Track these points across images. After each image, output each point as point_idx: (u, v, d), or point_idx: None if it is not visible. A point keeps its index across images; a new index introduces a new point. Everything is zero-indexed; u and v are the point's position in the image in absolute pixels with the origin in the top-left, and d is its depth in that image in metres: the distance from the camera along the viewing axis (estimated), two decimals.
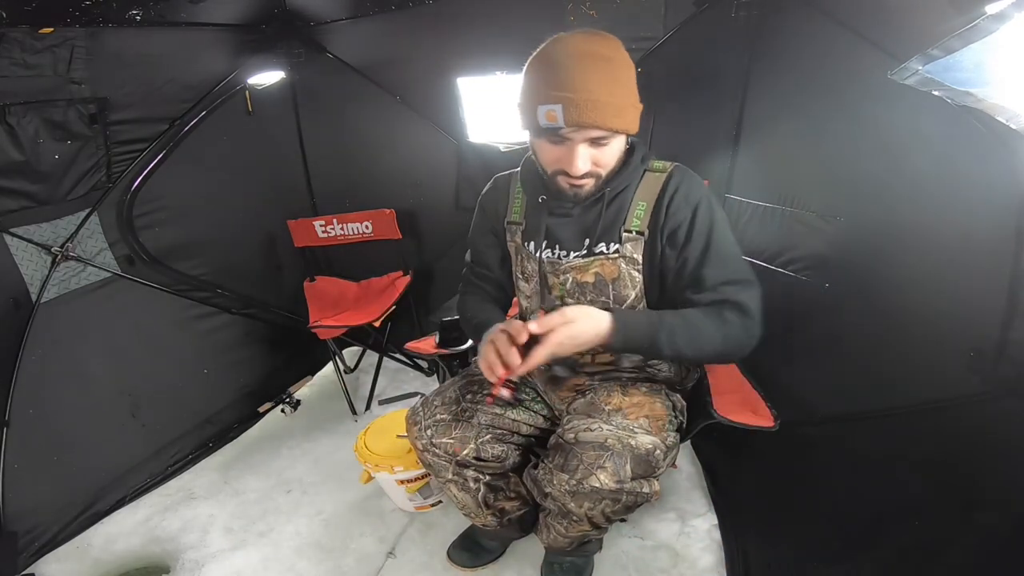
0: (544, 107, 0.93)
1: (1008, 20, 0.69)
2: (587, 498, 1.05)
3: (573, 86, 0.91)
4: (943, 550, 0.98)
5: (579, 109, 0.91)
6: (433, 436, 1.23)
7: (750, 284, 1.07)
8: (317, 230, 2.36)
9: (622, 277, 1.12)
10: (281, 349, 2.41)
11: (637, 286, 1.12)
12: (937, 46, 0.77)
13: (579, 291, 1.15)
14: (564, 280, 1.15)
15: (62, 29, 1.44)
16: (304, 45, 2.17)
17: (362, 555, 1.61)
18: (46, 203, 1.62)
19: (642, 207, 1.10)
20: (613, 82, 0.94)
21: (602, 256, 1.11)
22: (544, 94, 0.93)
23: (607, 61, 0.95)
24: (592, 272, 1.13)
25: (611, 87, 0.94)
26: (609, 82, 0.94)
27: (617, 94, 0.95)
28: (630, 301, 1.13)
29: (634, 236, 1.10)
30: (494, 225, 1.28)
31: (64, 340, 1.71)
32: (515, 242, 1.24)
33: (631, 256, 1.10)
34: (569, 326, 0.96)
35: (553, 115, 0.92)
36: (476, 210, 1.32)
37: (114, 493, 1.84)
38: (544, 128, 0.96)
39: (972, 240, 1.00)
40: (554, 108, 0.92)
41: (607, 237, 1.11)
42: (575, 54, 0.93)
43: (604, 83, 0.93)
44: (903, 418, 1.17)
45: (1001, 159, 0.91)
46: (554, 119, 0.93)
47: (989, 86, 0.81)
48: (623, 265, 1.11)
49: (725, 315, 1.04)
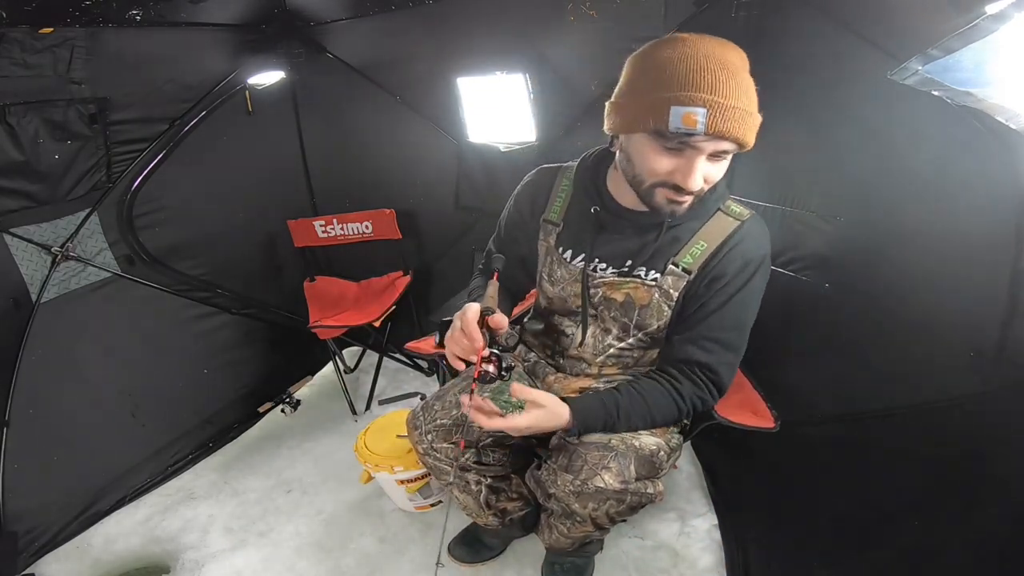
0: (682, 109, 0.82)
1: (1008, 20, 0.69)
2: (591, 499, 1.05)
3: (720, 91, 0.82)
4: (943, 550, 0.98)
5: (724, 117, 0.82)
6: (434, 441, 1.23)
7: (735, 354, 1.07)
8: (317, 230, 2.36)
9: (652, 306, 1.08)
10: (281, 349, 2.41)
11: (664, 318, 1.09)
12: (937, 46, 0.77)
13: (605, 306, 1.12)
14: (594, 293, 1.12)
15: (62, 29, 1.44)
16: (304, 45, 2.16)
17: (362, 555, 1.61)
18: (46, 203, 1.62)
19: (701, 247, 1.04)
20: (752, 94, 0.87)
21: (639, 280, 1.07)
22: (683, 95, 0.82)
23: (746, 71, 0.87)
24: (624, 292, 1.09)
25: (752, 99, 0.86)
26: (751, 94, 0.86)
27: (754, 108, 0.87)
28: (651, 330, 1.12)
29: (680, 272, 1.05)
30: (526, 220, 1.21)
31: (64, 340, 1.71)
32: (547, 243, 1.18)
33: (667, 290, 1.06)
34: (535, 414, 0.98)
35: (693, 119, 0.82)
36: (510, 201, 1.25)
37: (114, 493, 1.84)
38: (673, 133, 0.84)
39: (972, 240, 1.00)
40: (696, 112, 0.81)
41: (651, 264, 1.06)
42: (715, 58, 0.84)
43: (749, 94, 0.86)
44: (903, 418, 1.17)
45: (1001, 159, 0.91)
46: (693, 124, 0.82)
47: (989, 86, 0.81)
48: (656, 295, 1.07)
49: (684, 388, 1.06)
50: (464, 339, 0.97)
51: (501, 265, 1.08)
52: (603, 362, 1.19)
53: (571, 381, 1.22)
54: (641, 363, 1.20)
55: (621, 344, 1.16)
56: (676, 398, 1.06)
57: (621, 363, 1.19)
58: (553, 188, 1.17)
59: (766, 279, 1.05)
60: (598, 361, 1.19)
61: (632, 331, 1.13)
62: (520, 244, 1.23)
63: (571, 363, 1.22)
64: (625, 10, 1.61)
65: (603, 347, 1.17)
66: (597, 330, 1.16)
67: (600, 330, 1.16)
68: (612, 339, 1.16)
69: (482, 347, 0.96)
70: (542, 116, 1.87)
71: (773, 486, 1.53)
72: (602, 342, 1.17)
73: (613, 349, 1.16)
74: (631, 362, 1.19)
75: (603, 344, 1.17)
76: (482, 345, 0.96)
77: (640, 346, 1.16)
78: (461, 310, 0.99)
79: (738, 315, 1.04)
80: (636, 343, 1.15)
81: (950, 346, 1.05)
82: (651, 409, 1.06)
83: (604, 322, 1.15)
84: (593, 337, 1.17)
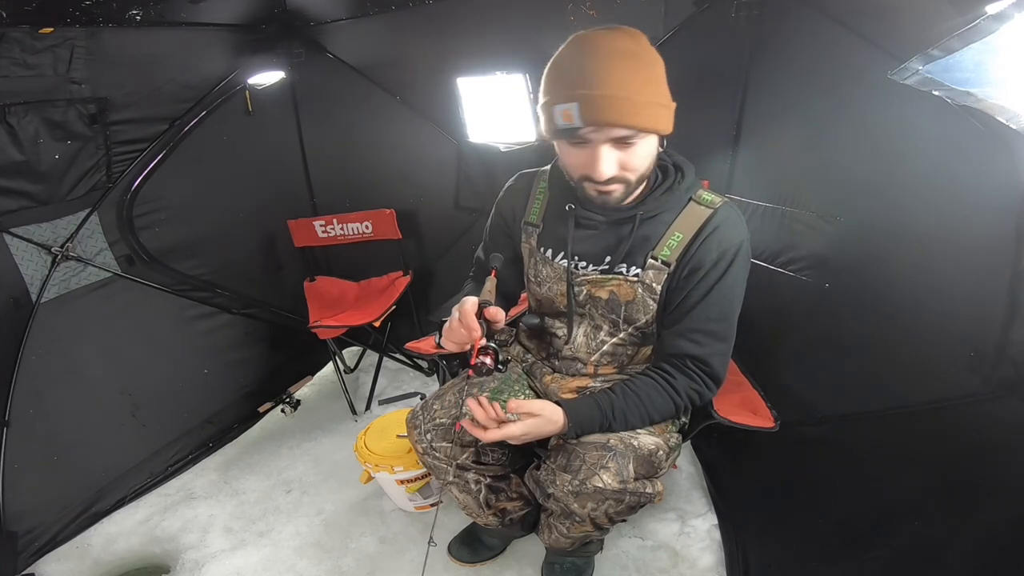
0: (560, 107, 0.87)
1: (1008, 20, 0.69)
2: (590, 498, 1.05)
3: (590, 83, 0.85)
4: (943, 550, 0.98)
5: (596, 107, 0.85)
6: (433, 440, 1.23)
7: (725, 344, 1.07)
8: (317, 230, 2.36)
9: (637, 301, 1.09)
10: (281, 349, 2.41)
11: (650, 312, 1.10)
12: (937, 46, 0.77)
13: (592, 304, 1.13)
14: (579, 292, 1.13)
15: (62, 29, 1.44)
16: (304, 45, 2.17)
17: (362, 555, 1.61)
18: (46, 203, 1.62)
19: (677, 238, 1.04)
20: (635, 78, 0.87)
21: (620, 277, 1.08)
22: (560, 93, 0.88)
23: (631, 56, 0.88)
24: (607, 289, 1.10)
25: (632, 83, 0.87)
26: (630, 78, 0.87)
27: (640, 91, 0.87)
28: (640, 324, 1.12)
29: (659, 265, 1.06)
30: (509, 224, 1.24)
31: (64, 340, 1.71)
32: (530, 244, 1.20)
33: (650, 284, 1.07)
34: (531, 421, 0.99)
35: (569, 114, 0.86)
36: (494, 208, 1.28)
37: (114, 493, 1.84)
38: (562, 129, 0.90)
39: (972, 240, 1.00)
40: (570, 107, 0.86)
41: (630, 260, 1.08)
42: (594, 50, 0.87)
43: (625, 79, 0.86)
44: (903, 418, 1.17)
45: (1001, 159, 0.91)
46: (570, 119, 0.86)
47: (989, 86, 0.80)
48: (640, 291, 1.08)
49: (678, 382, 1.06)
50: (462, 329, 0.97)
51: (499, 264, 1.09)
52: (598, 360, 1.19)
53: (568, 381, 1.22)
54: (636, 361, 1.20)
55: (614, 339, 1.16)
56: (671, 393, 1.06)
57: (616, 361, 1.19)
58: (531, 191, 1.20)
59: (747, 265, 1.06)
60: (593, 360, 1.19)
61: (622, 326, 1.13)
62: (507, 249, 1.25)
63: (566, 364, 1.22)
64: (625, 10, 1.61)
65: (596, 344, 1.18)
66: (588, 328, 1.17)
67: (591, 328, 1.17)
68: (604, 335, 1.16)
69: (479, 337, 0.96)
70: None
71: (773, 486, 1.53)
72: (595, 339, 1.17)
73: (607, 346, 1.17)
74: (626, 360, 1.20)
75: (596, 341, 1.17)
76: (480, 335, 0.96)
77: (633, 342, 1.17)
78: (459, 302, 1.00)
79: (722, 305, 1.05)
80: (628, 339, 1.16)
81: (950, 346, 1.05)
82: (647, 406, 1.06)
83: (594, 319, 1.16)
84: (585, 335, 1.18)
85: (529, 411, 0.99)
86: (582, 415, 1.04)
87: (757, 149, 1.64)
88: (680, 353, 1.07)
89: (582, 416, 1.04)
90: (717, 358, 1.07)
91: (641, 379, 1.09)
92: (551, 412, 1.01)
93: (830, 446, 1.37)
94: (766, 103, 1.58)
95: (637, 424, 1.08)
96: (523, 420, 0.99)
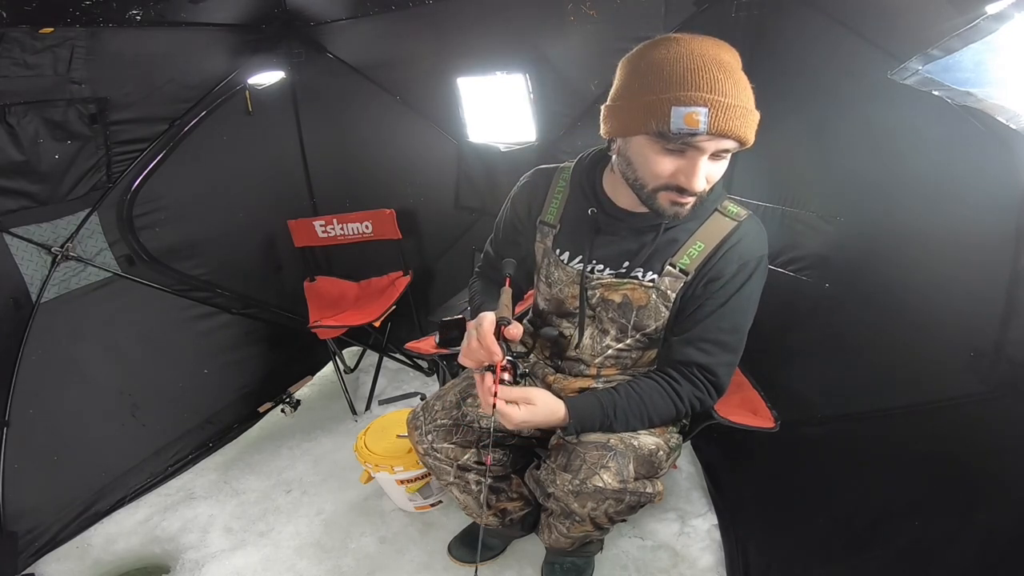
0: (684, 109, 0.81)
1: (1008, 20, 0.69)
2: (590, 498, 1.05)
3: (722, 90, 0.81)
4: (943, 550, 0.98)
5: (726, 115, 0.81)
6: (434, 441, 1.23)
7: (733, 355, 1.07)
8: (317, 230, 2.36)
9: (650, 307, 1.08)
10: (281, 349, 2.41)
11: (661, 319, 1.09)
12: (937, 46, 0.77)
13: (603, 308, 1.12)
14: (591, 295, 1.12)
15: (62, 29, 1.44)
16: (304, 45, 2.17)
17: (362, 555, 1.61)
18: (46, 203, 1.62)
19: (698, 248, 1.03)
20: (750, 94, 0.86)
21: (635, 281, 1.07)
22: (684, 95, 0.81)
23: (739, 69, 0.86)
24: (621, 293, 1.09)
25: (749, 96, 0.86)
26: (749, 93, 0.86)
27: (752, 105, 0.86)
28: (649, 331, 1.12)
29: (677, 273, 1.05)
30: (523, 220, 1.21)
31: (64, 340, 1.71)
32: (544, 244, 1.17)
33: (664, 291, 1.06)
34: (530, 409, 0.98)
35: (695, 118, 0.81)
36: (507, 202, 1.25)
37: (114, 493, 1.84)
38: (675, 133, 0.83)
39: (972, 240, 1.00)
40: (698, 111, 0.80)
41: (648, 265, 1.06)
42: (710, 57, 0.83)
43: (748, 93, 0.85)
44: (903, 418, 1.17)
45: (1001, 159, 0.91)
46: (696, 124, 0.81)
47: (989, 86, 0.80)
48: (654, 296, 1.07)
49: (682, 389, 1.06)
50: (480, 351, 0.96)
51: (513, 270, 1.08)
52: (601, 363, 1.19)
53: (571, 381, 1.22)
54: (639, 364, 1.20)
55: (619, 345, 1.16)
56: (674, 399, 1.06)
57: (619, 364, 1.19)
58: (549, 189, 1.17)
59: (764, 280, 1.05)
60: (596, 362, 1.19)
61: (630, 332, 1.13)
62: (518, 246, 1.23)
63: (569, 364, 1.22)
64: (625, 10, 1.61)
65: (601, 348, 1.17)
66: (595, 331, 1.16)
67: (598, 331, 1.16)
68: (610, 340, 1.15)
69: (501, 360, 0.96)
70: (542, 116, 1.87)
71: (773, 486, 1.53)
72: (600, 343, 1.16)
73: (611, 350, 1.16)
74: (629, 363, 1.19)
75: (601, 345, 1.17)
76: (501, 357, 0.95)
77: (638, 347, 1.16)
78: (476, 319, 0.98)
79: (736, 317, 1.04)
80: (634, 344, 1.15)
81: (949, 346, 1.05)
82: (648, 409, 1.06)
83: (602, 323, 1.14)
84: (591, 339, 1.17)
85: (525, 398, 0.98)
86: (583, 411, 1.04)
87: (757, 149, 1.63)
88: (688, 361, 1.06)
89: (583, 412, 1.04)
90: (723, 368, 1.07)
91: (645, 381, 1.08)
92: (550, 401, 1.01)
93: (830, 446, 1.37)
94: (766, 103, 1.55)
95: (638, 425, 1.08)
96: (523, 406, 0.98)
